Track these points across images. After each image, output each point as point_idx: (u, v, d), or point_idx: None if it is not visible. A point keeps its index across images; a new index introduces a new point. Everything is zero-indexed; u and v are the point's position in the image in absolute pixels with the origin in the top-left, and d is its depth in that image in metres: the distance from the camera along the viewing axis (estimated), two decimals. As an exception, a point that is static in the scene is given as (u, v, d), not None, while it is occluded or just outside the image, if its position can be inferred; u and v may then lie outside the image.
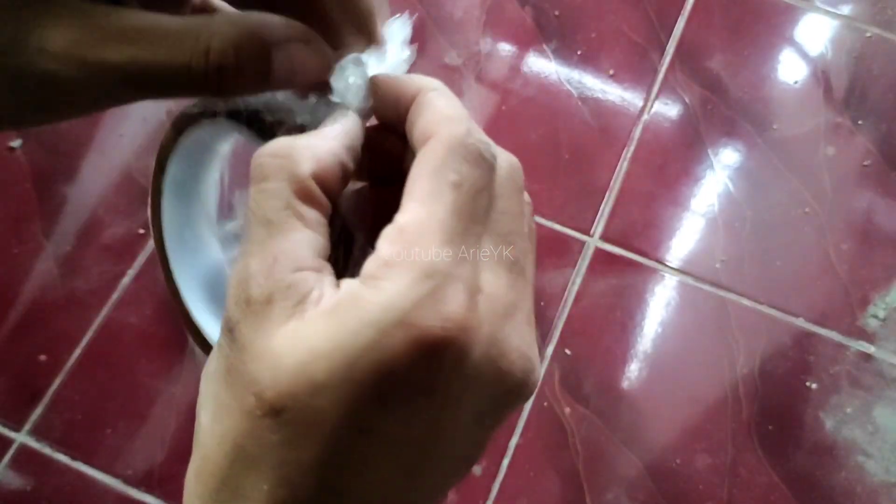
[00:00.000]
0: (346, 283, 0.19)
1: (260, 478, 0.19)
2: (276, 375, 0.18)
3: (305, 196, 0.20)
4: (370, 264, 0.19)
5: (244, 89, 0.22)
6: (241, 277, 0.20)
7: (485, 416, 0.20)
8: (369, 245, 0.20)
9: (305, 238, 0.20)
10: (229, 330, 0.20)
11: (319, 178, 0.21)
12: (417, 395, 0.18)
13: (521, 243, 0.21)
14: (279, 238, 0.20)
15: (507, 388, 0.20)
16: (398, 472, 0.19)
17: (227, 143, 0.27)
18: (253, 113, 0.24)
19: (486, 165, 0.20)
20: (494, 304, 0.19)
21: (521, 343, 0.20)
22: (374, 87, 0.23)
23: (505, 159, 0.22)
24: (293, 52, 0.22)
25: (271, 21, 0.22)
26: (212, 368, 0.21)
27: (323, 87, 0.24)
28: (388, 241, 0.19)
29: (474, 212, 0.20)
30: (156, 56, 0.20)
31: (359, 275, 0.19)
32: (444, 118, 0.21)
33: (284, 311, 0.19)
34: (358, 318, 0.18)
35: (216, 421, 0.20)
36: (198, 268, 0.28)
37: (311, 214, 0.20)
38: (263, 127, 0.23)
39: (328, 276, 0.20)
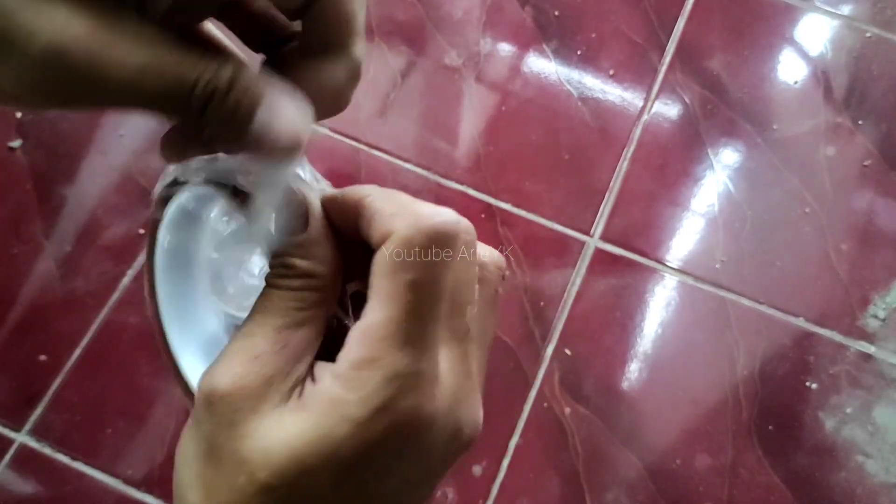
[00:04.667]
0: (322, 379, 0.22)
1: None
2: (269, 458, 0.21)
3: (321, 300, 0.23)
4: (341, 365, 0.22)
5: (223, 120, 0.23)
6: (245, 352, 0.22)
7: (439, 468, 0.24)
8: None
9: (310, 334, 0.23)
10: (210, 403, 0.22)
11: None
12: (387, 467, 0.22)
13: (471, 311, 0.24)
14: (291, 331, 0.23)
15: (457, 446, 0.23)
16: None
17: (212, 211, 0.27)
18: (225, 178, 0.24)
19: (447, 243, 0.22)
20: (448, 379, 0.22)
21: (469, 409, 0.23)
22: (324, 208, 0.25)
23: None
24: (282, 104, 0.23)
25: (276, 78, 0.23)
26: (189, 450, 0.23)
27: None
28: (356, 344, 0.22)
29: (432, 304, 0.22)
30: (170, 61, 0.21)
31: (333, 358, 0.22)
32: (388, 218, 0.22)
33: (278, 395, 0.22)
34: (336, 414, 0.21)
35: (207, 499, 0.22)
36: (195, 337, 0.29)
37: (319, 315, 0.24)
38: (237, 192, 0.24)
39: (319, 368, 0.23)
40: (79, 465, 0.82)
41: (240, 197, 0.24)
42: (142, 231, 0.91)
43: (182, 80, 0.21)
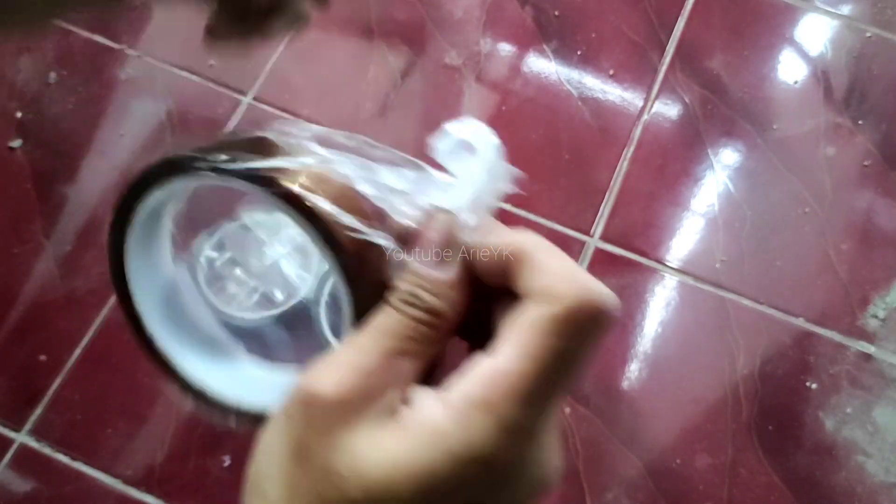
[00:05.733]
0: (427, 405, 0.22)
1: None
2: (363, 479, 0.21)
3: (436, 340, 0.23)
4: (455, 396, 0.21)
5: None
6: (353, 364, 0.22)
7: None
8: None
9: (416, 367, 0.23)
10: (308, 404, 0.22)
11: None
12: None
13: (574, 384, 0.24)
14: (402, 358, 0.23)
15: (540, 492, 0.23)
16: None
17: (180, 199, 0.27)
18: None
19: (603, 326, 0.22)
20: (546, 443, 0.23)
21: (556, 459, 0.24)
22: (470, 246, 0.25)
23: None
24: None
25: None
26: (275, 443, 0.23)
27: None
28: (479, 383, 0.21)
29: (567, 375, 0.22)
30: None
31: (438, 385, 0.22)
32: (557, 277, 0.22)
33: (374, 414, 0.22)
34: (438, 447, 0.21)
35: (291, 500, 0.22)
36: (154, 286, 0.29)
37: (429, 352, 0.23)
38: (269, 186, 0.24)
39: (417, 393, 0.23)
40: (79, 465, 0.82)
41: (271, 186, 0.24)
42: (142, 231, 0.91)
43: None
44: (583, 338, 0.22)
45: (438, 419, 0.21)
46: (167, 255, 0.29)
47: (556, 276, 0.22)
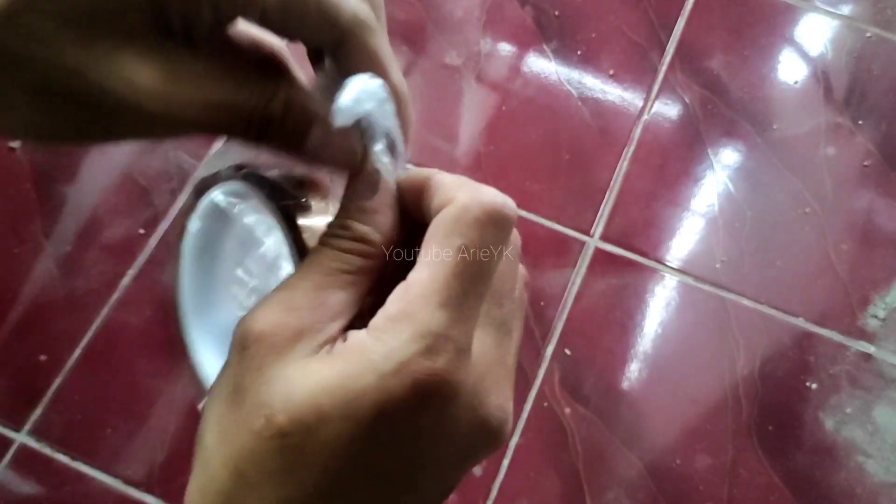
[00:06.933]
0: (356, 334, 0.22)
1: (263, 499, 0.21)
2: (288, 402, 0.21)
3: (368, 267, 0.24)
4: (377, 318, 0.22)
5: (277, 142, 0.24)
6: (283, 301, 0.22)
7: (461, 457, 0.23)
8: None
9: (349, 298, 0.23)
10: (244, 347, 0.22)
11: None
12: (405, 432, 0.21)
13: (509, 305, 0.24)
14: (332, 291, 0.23)
15: (483, 435, 0.23)
16: (381, 501, 0.22)
17: (245, 206, 0.28)
18: (263, 178, 0.25)
19: (502, 226, 0.23)
20: (480, 361, 0.22)
21: (499, 397, 0.23)
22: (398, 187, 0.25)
23: None
24: (330, 132, 0.24)
25: (324, 101, 0.24)
26: (215, 393, 0.23)
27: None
28: (395, 298, 0.22)
29: (478, 273, 0.22)
30: (226, 96, 0.23)
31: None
32: (452, 189, 0.23)
33: (307, 348, 0.22)
34: (362, 363, 0.21)
35: (222, 442, 0.22)
36: (210, 328, 0.29)
37: (363, 281, 0.24)
38: (274, 191, 0.25)
39: (351, 332, 0.23)
40: (79, 465, 0.82)
41: (279, 195, 0.25)
42: (142, 231, 0.91)
43: (239, 112, 0.23)
44: (484, 234, 0.22)
45: (363, 340, 0.21)
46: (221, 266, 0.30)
47: (450, 187, 0.23)
